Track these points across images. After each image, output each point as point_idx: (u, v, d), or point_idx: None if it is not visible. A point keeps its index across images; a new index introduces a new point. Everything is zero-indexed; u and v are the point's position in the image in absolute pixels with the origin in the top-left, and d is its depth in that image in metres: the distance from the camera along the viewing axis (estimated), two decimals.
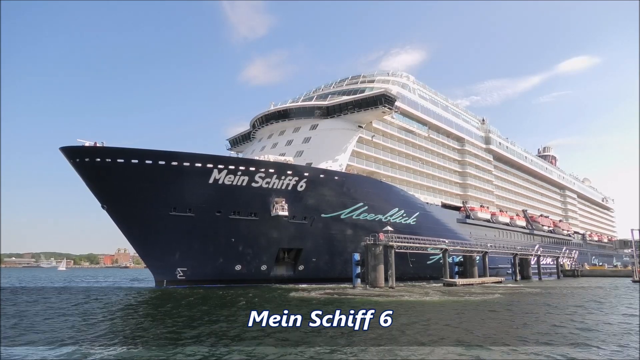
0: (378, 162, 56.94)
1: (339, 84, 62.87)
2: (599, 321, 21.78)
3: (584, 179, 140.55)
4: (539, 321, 21.36)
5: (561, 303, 31.19)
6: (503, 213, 79.92)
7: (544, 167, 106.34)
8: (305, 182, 44.29)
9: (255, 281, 44.01)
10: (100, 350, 14.15)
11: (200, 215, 40.73)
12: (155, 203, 39.12)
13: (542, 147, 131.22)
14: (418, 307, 27.04)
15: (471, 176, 75.02)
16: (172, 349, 14.19)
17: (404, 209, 53.42)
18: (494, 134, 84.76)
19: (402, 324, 19.19)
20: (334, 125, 53.54)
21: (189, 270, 41.74)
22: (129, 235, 41.77)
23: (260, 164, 42.45)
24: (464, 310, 25.20)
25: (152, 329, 18.33)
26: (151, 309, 26.91)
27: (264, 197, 42.83)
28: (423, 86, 68.75)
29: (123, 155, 37.66)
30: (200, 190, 40.00)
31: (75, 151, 37.74)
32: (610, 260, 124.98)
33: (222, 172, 40.24)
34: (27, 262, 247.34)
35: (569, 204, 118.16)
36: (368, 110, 53.01)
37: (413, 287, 44.06)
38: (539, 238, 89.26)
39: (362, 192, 48.97)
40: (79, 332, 17.74)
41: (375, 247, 42.23)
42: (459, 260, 56.14)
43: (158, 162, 38.25)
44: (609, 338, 16.98)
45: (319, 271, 47.74)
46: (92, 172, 38.26)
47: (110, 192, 39.07)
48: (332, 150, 51.33)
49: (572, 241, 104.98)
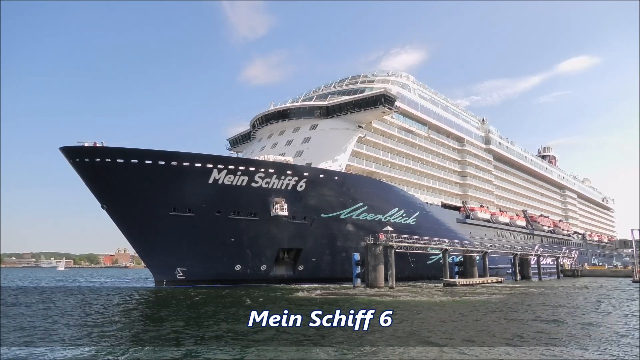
0: (378, 162, 56.93)
1: (339, 84, 62.86)
2: (598, 321, 21.75)
3: (584, 179, 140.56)
4: (540, 320, 21.32)
5: (564, 303, 31.16)
6: (503, 213, 79.93)
7: (544, 167, 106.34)
8: (305, 182, 44.28)
9: (255, 281, 43.99)
10: (99, 350, 14.12)
11: (200, 215, 40.71)
12: (155, 203, 39.10)
13: (542, 147, 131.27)
14: (421, 308, 26.99)
15: (471, 176, 75.01)
16: (171, 349, 14.14)
17: (403, 209, 53.42)
18: (494, 134, 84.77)
19: (403, 324, 19.16)
20: (333, 125, 53.52)
21: (188, 271, 41.73)
22: (129, 236, 41.77)
23: (260, 164, 42.44)
24: (469, 311, 25.13)
25: (151, 330, 18.29)
26: (150, 310, 26.88)
27: (263, 197, 42.82)
28: (423, 86, 68.75)
29: (123, 155, 37.65)
30: (200, 190, 39.98)
31: (75, 151, 37.73)
32: (610, 260, 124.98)
33: (222, 172, 40.23)
34: (27, 262, 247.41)
35: (569, 204, 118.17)
36: (368, 110, 53.01)
37: (414, 287, 44.04)
38: (539, 238, 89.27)
39: (361, 192, 48.97)
40: (79, 332, 17.71)
41: (375, 247, 42.21)
42: (459, 260, 56.18)
43: (158, 162, 38.24)
44: (609, 338, 16.95)
45: (318, 271, 47.73)
46: (92, 172, 38.26)
47: (110, 192, 39.08)
48: (332, 150, 51.31)
49: (572, 241, 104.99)
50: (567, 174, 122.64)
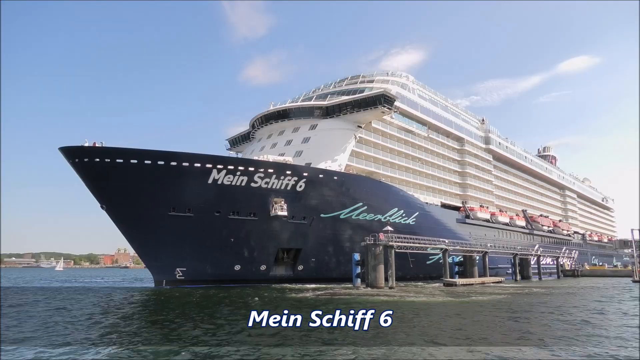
0: (377, 162, 56.92)
1: (339, 84, 62.84)
2: (598, 321, 21.70)
3: (584, 179, 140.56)
4: (539, 324, 21.24)
5: (565, 302, 31.09)
6: (503, 213, 79.92)
7: (543, 167, 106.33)
8: (304, 182, 44.26)
9: (255, 281, 43.97)
10: (99, 350, 14.06)
11: (200, 215, 40.68)
12: (154, 203, 39.07)
13: (542, 147, 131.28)
14: (425, 308, 26.91)
15: (471, 176, 74.99)
16: (170, 349, 14.09)
17: (403, 209, 53.39)
18: (494, 134, 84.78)
19: (405, 325, 19.09)
20: (333, 125, 53.50)
21: (188, 271, 41.69)
22: (128, 235, 41.75)
23: (259, 164, 42.42)
24: (477, 312, 25.05)
25: (150, 330, 18.23)
26: (150, 309, 26.82)
27: (263, 197, 42.79)
28: (422, 86, 68.74)
29: (122, 156, 37.62)
30: (199, 191, 39.95)
31: (74, 151, 37.70)
32: (610, 260, 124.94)
33: (221, 172, 40.20)
34: (27, 262, 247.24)
35: (568, 204, 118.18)
36: (367, 110, 53.01)
37: (415, 287, 43.93)
38: (539, 238, 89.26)
39: (361, 192, 48.95)
40: (78, 332, 17.65)
41: (375, 247, 42.15)
42: (459, 260, 56.14)
43: (157, 162, 38.22)
44: (609, 337, 16.90)
45: (318, 271, 47.70)
46: (91, 172, 38.23)
47: (110, 192, 39.03)
48: (332, 150, 51.30)
49: (572, 241, 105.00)
50: (567, 174, 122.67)
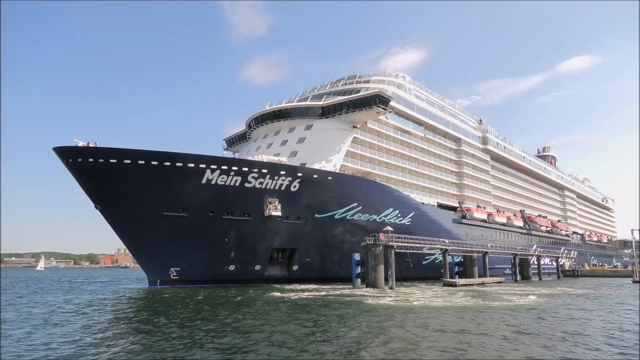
0: (373, 163, 56.91)
1: (335, 84, 62.83)
2: (597, 320, 21.53)
3: (584, 179, 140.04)
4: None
5: (567, 302, 30.91)
6: (500, 213, 79.75)
7: (542, 167, 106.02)
8: (298, 183, 44.30)
9: (249, 281, 44.03)
10: (98, 351, 14.02)
11: (194, 216, 40.77)
12: (148, 203, 39.17)
13: (542, 147, 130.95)
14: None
15: (468, 176, 74.89)
16: (167, 349, 14.04)
17: (398, 209, 53.37)
18: (491, 134, 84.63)
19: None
20: (328, 125, 53.52)
21: (182, 270, 41.79)
22: (122, 235, 41.87)
23: (253, 164, 42.48)
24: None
25: (144, 331, 18.06)
26: (143, 310, 26.85)
27: (257, 198, 42.83)
28: (419, 86, 68.73)
29: (116, 156, 37.72)
30: (193, 191, 40.02)
31: (68, 151, 37.81)
32: (610, 260, 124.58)
33: (215, 172, 40.27)
34: (27, 262, 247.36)
35: (568, 204, 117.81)
36: (362, 111, 52.99)
37: (417, 287, 43.36)
38: (537, 238, 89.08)
39: (355, 192, 48.93)
40: (76, 333, 17.59)
41: (375, 247, 41.99)
42: (459, 261, 56.01)
43: (151, 162, 38.31)
44: (610, 337, 16.68)
45: (313, 271, 47.71)
46: (85, 172, 38.33)
47: (103, 192, 39.13)
48: (327, 150, 51.33)
49: (571, 241, 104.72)
50: (567, 174, 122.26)
